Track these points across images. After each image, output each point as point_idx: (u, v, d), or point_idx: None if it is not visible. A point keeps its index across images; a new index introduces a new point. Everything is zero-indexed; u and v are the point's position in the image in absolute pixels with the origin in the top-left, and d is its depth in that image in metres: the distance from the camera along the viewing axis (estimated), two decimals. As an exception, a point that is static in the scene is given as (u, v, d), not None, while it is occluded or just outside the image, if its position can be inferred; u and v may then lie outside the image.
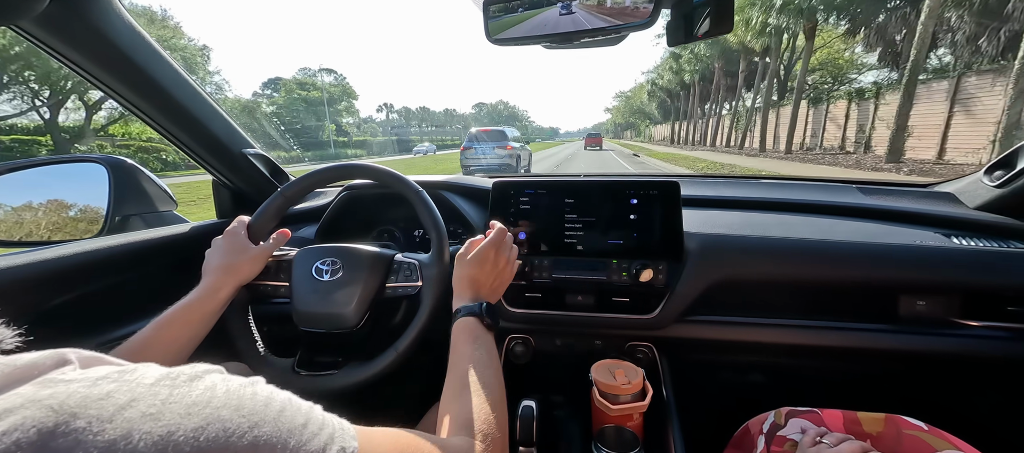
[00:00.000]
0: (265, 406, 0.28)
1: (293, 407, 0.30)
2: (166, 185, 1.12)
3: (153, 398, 0.23)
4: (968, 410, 0.99)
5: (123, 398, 0.23)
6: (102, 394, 0.22)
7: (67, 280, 0.76)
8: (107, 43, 0.72)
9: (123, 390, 0.23)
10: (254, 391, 0.28)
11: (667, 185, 0.91)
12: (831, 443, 0.61)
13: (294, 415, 0.29)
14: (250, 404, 0.27)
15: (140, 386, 0.24)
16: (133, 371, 0.25)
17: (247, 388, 0.28)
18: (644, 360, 0.95)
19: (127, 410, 0.22)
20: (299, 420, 0.29)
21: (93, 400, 0.22)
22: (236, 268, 0.72)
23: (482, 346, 0.59)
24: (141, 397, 0.23)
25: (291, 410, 0.29)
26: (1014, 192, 0.88)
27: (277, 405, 0.29)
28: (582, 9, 0.59)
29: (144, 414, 0.22)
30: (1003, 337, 0.84)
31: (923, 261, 0.83)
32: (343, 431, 0.32)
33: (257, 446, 0.25)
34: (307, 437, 0.28)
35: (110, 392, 0.23)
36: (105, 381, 0.23)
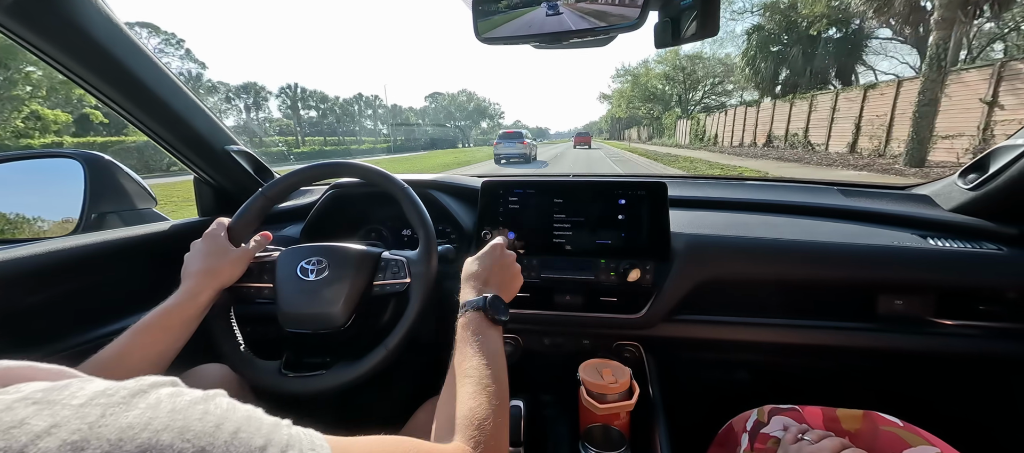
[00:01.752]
0: (216, 428, 0.24)
1: (252, 427, 0.26)
2: (145, 182, 1.10)
3: (79, 422, 0.20)
4: (942, 405, 1.02)
5: (41, 424, 0.19)
6: (15, 420, 0.19)
7: (39, 280, 0.73)
8: (82, 35, 0.70)
9: (43, 414, 0.20)
10: (205, 409, 0.25)
11: (654, 186, 0.92)
12: (812, 440, 0.63)
13: (251, 437, 0.25)
14: (198, 426, 0.23)
15: (66, 408, 0.21)
16: (63, 389, 0.22)
17: (197, 406, 0.25)
18: (631, 359, 0.96)
19: (44, 439, 0.19)
20: (257, 442, 0.25)
21: (3, 429, 0.19)
22: (216, 271, 0.70)
23: (486, 342, 0.55)
24: (64, 422, 0.20)
25: (248, 431, 0.25)
26: (987, 195, 0.91)
27: (230, 427, 0.25)
28: (569, 10, 0.59)
29: (64, 443, 0.19)
30: (975, 335, 0.87)
31: (900, 261, 0.85)
32: (314, 449, 0.28)
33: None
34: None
35: (25, 418, 0.20)
36: (22, 403, 0.20)
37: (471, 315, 0.59)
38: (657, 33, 0.66)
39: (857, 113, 12.57)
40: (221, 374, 0.80)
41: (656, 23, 0.66)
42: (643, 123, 50.77)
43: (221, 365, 0.80)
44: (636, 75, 44.95)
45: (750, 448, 0.70)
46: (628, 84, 46.96)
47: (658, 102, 42.64)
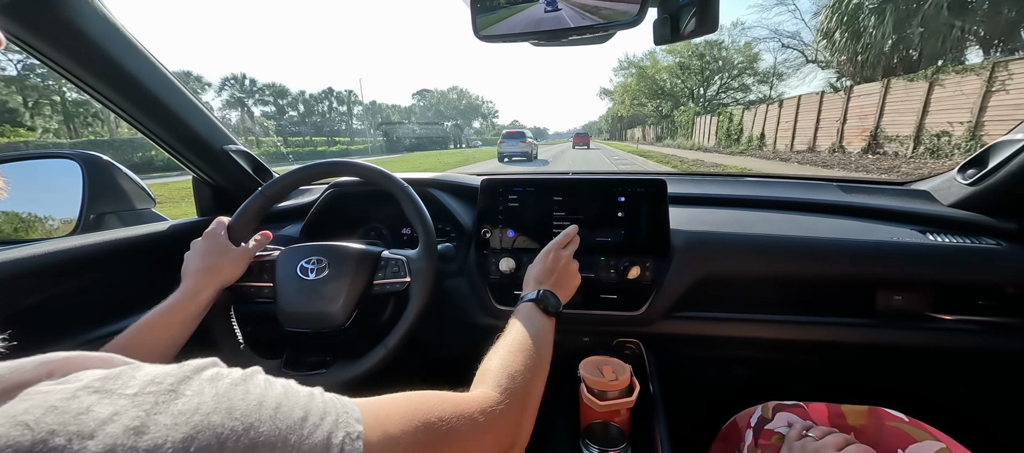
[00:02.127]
0: (259, 406, 0.26)
1: (290, 401, 0.28)
2: (144, 182, 1.09)
3: (137, 409, 0.22)
4: (945, 400, 1.02)
5: (105, 411, 0.21)
6: (82, 408, 0.21)
7: (38, 280, 0.73)
8: (78, 35, 0.70)
9: (103, 402, 0.22)
10: (246, 389, 0.27)
11: (654, 183, 0.92)
12: (816, 436, 0.63)
13: (292, 410, 0.28)
14: (242, 405, 0.26)
15: (122, 397, 0.22)
16: (117, 378, 0.24)
17: (239, 387, 0.27)
18: (631, 356, 0.96)
19: (109, 425, 0.21)
20: (297, 414, 0.28)
21: (72, 415, 0.20)
22: (216, 270, 0.70)
23: (533, 324, 0.60)
24: (124, 410, 0.22)
25: (288, 405, 0.28)
26: (985, 190, 0.91)
27: (272, 402, 0.27)
28: (568, 6, 0.59)
29: (127, 428, 0.21)
30: (974, 330, 0.87)
31: (900, 257, 0.86)
32: (347, 414, 0.31)
33: (255, 447, 0.24)
34: (308, 431, 0.27)
35: (90, 406, 0.21)
36: (84, 392, 0.22)
37: (524, 306, 0.65)
38: (656, 29, 0.66)
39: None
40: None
41: (655, 20, 0.66)
42: (649, 122, 45.26)
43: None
44: (642, 68, 39.42)
45: (754, 444, 0.70)
46: (633, 78, 41.31)
47: (668, 98, 37.67)
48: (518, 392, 0.47)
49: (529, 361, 0.52)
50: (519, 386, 0.47)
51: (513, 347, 0.53)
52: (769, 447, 0.68)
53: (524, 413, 0.48)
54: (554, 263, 0.73)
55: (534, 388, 0.50)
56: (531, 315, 0.62)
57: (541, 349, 0.56)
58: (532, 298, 0.65)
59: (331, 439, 0.28)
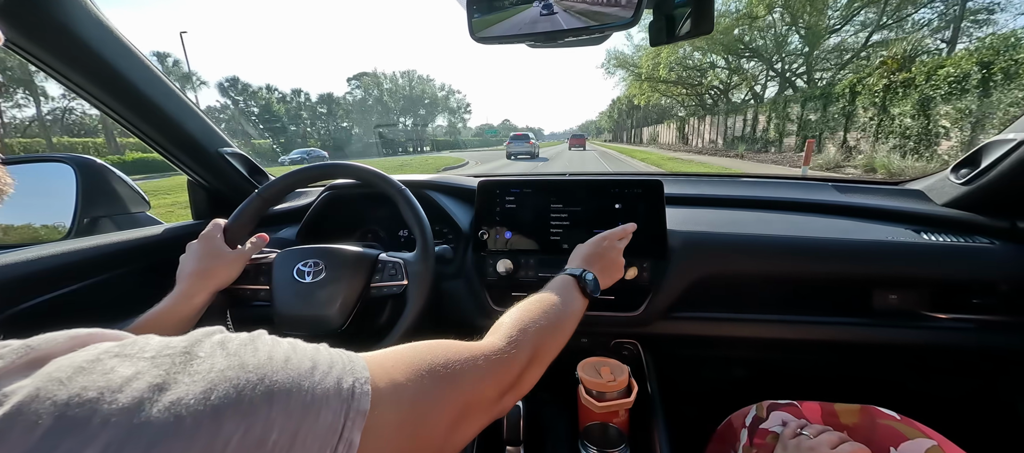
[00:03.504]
0: (269, 359, 0.28)
1: (298, 354, 0.30)
2: (139, 186, 1.09)
3: (156, 369, 0.24)
4: (938, 398, 1.03)
5: (128, 370, 0.23)
6: (107, 368, 0.23)
7: (31, 286, 0.73)
8: (72, 38, 0.69)
9: (125, 364, 0.23)
10: (255, 347, 0.29)
11: (651, 183, 0.92)
12: (811, 435, 0.63)
13: (300, 361, 0.29)
14: (253, 360, 0.27)
15: (141, 360, 0.24)
16: (134, 344, 0.25)
17: (248, 346, 0.28)
18: (629, 357, 0.96)
19: (134, 382, 0.22)
20: (306, 365, 0.29)
21: (100, 374, 0.22)
22: (212, 273, 0.69)
23: (566, 296, 0.60)
24: (144, 370, 0.23)
25: (297, 357, 0.29)
26: (978, 189, 0.92)
27: (281, 355, 0.29)
28: (563, 10, 0.59)
29: (151, 384, 0.23)
30: (969, 328, 0.88)
31: (895, 256, 0.86)
32: (352, 364, 0.32)
33: (272, 395, 0.26)
34: (318, 378, 0.29)
35: (114, 366, 0.23)
36: (106, 355, 0.23)
37: (562, 277, 0.65)
38: (652, 31, 0.66)
39: None
40: None
41: (650, 21, 0.67)
42: (679, 114, 31.09)
43: None
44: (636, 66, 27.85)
45: (749, 443, 0.71)
46: (631, 77, 28.86)
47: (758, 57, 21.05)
48: (526, 344, 0.48)
49: (546, 321, 0.52)
50: (529, 338, 0.48)
51: (533, 307, 0.54)
52: (764, 446, 0.68)
53: (529, 365, 0.48)
54: (607, 251, 0.74)
55: (545, 346, 0.51)
56: (566, 287, 0.62)
57: (564, 318, 0.56)
58: (573, 274, 0.65)
59: (341, 383, 0.30)
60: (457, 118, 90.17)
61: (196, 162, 1.01)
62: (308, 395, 0.27)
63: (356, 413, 0.29)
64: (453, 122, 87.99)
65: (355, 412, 0.29)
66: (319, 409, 0.27)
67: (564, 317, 0.57)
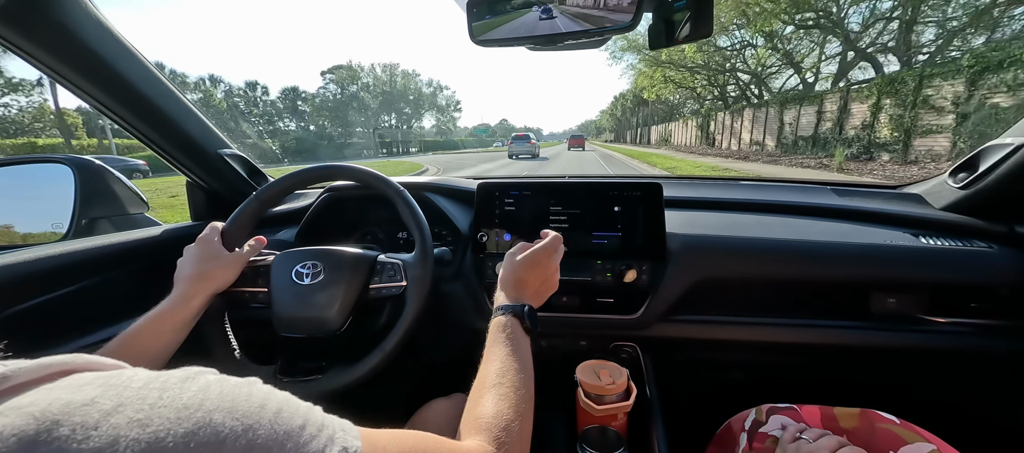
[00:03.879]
0: (261, 408, 0.27)
1: (291, 408, 0.29)
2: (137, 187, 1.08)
3: (141, 402, 0.22)
4: (938, 402, 1.03)
5: (109, 403, 0.22)
6: (86, 400, 0.21)
7: (28, 287, 0.72)
8: (71, 39, 0.69)
9: (109, 395, 0.22)
10: (249, 392, 0.27)
11: (650, 186, 0.92)
12: (810, 439, 0.63)
13: (292, 417, 0.28)
14: (244, 405, 0.26)
15: (128, 390, 0.23)
16: (121, 374, 0.24)
17: (242, 388, 0.27)
18: (628, 360, 0.96)
19: (113, 416, 0.21)
20: (297, 422, 0.28)
21: (77, 406, 0.21)
22: (210, 276, 0.69)
23: (518, 348, 0.56)
24: (128, 402, 0.22)
25: (288, 411, 0.28)
26: (976, 193, 0.92)
27: (273, 406, 0.28)
28: (562, 14, 0.59)
29: (131, 420, 0.21)
30: (967, 332, 0.88)
31: (893, 260, 0.86)
32: (345, 431, 0.31)
33: (252, 449, 0.24)
34: (306, 439, 0.27)
35: (95, 398, 0.22)
36: (90, 386, 0.22)
37: (506, 319, 0.59)
38: (651, 35, 0.67)
39: None
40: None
41: (650, 25, 0.67)
42: (696, 108, 27.86)
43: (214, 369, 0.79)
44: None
45: (748, 447, 0.71)
46: (646, 63, 24.43)
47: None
48: (513, 445, 0.44)
49: (522, 404, 0.49)
50: (514, 437, 0.45)
51: (504, 385, 0.50)
52: (763, 450, 0.68)
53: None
54: (543, 271, 0.68)
55: (526, 434, 0.48)
56: (516, 336, 0.57)
57: (530, 383, 0.53)
58: (517, 313, 0.60)
59: (326, 450, 0.28)
60: (446, 116, 78.67)
61: (195, 163, 1.01)
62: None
63: None
64: (442, 121, 77.46)
65: None
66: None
67: (531, 381, 0.53)
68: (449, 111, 79.60)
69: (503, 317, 0.60)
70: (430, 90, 75.57)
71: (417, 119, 72.61)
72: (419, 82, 72.47)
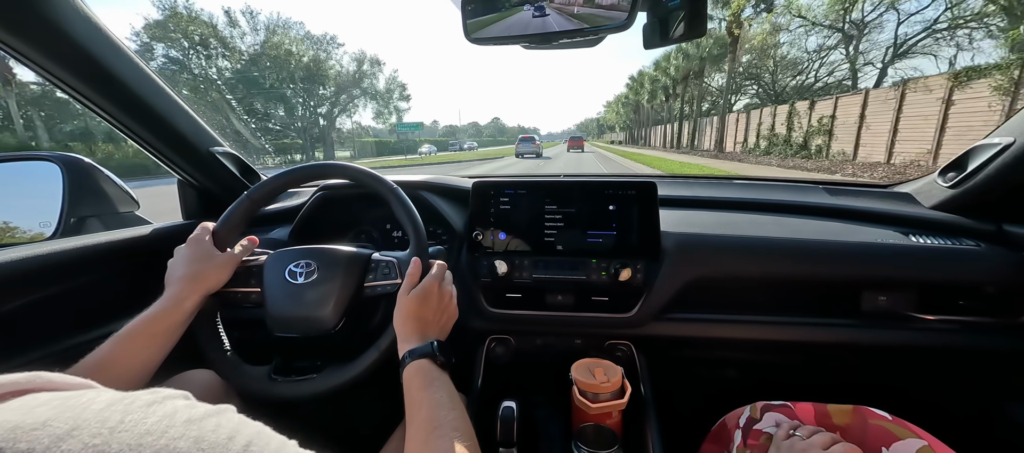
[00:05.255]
0: (229, 440, 0.25)
1: (262, 441, 0.27)
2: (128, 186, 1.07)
3: (100, 426, 0.21)
4: (928, 399, 1.04)
5: (62, 427, 0.20)
6: (37, 422, 0.20)
7: (15, 286, 0.71)
8: (60, 36, 0.68)
9: (64, 417, 0.20)
10: (218, 422, 0.26)
11: (644, 185, 0.92)
12: (804, 435, 0.63)
13: (261, 450, 0.26)
14: (211, 437, 0.24)
15: (86, 412, 0.21)
16: (81, 396, 0.23)
17: (211, 419, 0.26)
18: (623, 358, 0.96)
19: (66, 441, 0.19)
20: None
21: (26, 430, 0.19)
22: (202, 277, 0.68)
23: (441, 388, 0.54)
24: (85, 425, 0.20)
25: (259, 445, 0.26)
26: (965, 193, 0.93)
27: (242, 440, 0.26)
28: (555, 11, 0.59)
29: (86, 445, 0.20)
30: (956, 330, 0.89)
31: (883, 258, 0.87)
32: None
33: None
34: None
35: (47, 420, 0.20)
36: (44, 408, 0.21)
37: (420, 364, 0.58)
38: (646, 34, 0.67)
39: None
40: (208, 379, 0.79)
41: (644, 24, 0.67)
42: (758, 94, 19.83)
43: (208, 370, 0.78)
44: None
45: (743, 444, 0.71)
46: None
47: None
48: None
49: (465, 439, 0.47)
50: None
51: (444, 429, 0.48)
52: (758, 447, 0.69)
53: None
54: (438, 302, 0.67)
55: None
56: (432, 376, 0.56)
57: (466, 419, 0.51)
58: (427, 353, 0.59)
59: None
60: (385, 105, 50.65)
61: (187, 161, 0.99)
62: None
63: None
64: (381, 111, 51.06)
65: None
66: None
67: (463, 414, 0.52)
68: (390, 99, 50.87)
69: (413, 362, 0.58)
70: (355, 67, 45.39)
71: (347, 108, 47.39)
72: (333, 52, 43.13)
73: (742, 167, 15.26)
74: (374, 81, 48.26)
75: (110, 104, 0.82)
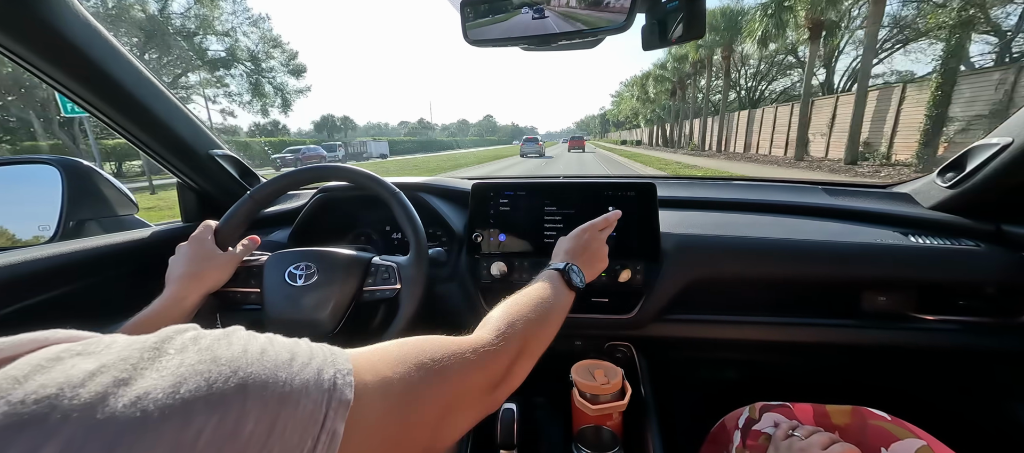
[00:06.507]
0: (243, 352, 0.27)
1: (275, 347, 0.29)
2: (127, 188, 1.07)
3: (123, 363, 0.23)
4: (927, 399, 1.05)
5: (91, 365, 0.22)
6: (68, 365, 0.22)
7: (14, 290, 0.71)
8: (59, 39, 0.68)
9: (90, 359, 0.22)
10: (229, 342, 0.27)
11: (644, 186, 0.92)
12: (802, 435, 0.63)
13: (278, 353, 0.28)
14: (227, 353, 0.26)
15: (108, 353, 0.23)
16: (99, 341, 0.24)
17: (222, 340, 0.27)
18: (623, 359, 0.96)
19: (98, 376, 0.21)
20: (284, 356, 0.28)
21: (60, 369, 0.21)
22: (202, 276, 0.68)
23: (552, 289, 0.60)
24: (111, 364, 0.22)
25: (273, 350, 0.28)
26: (964, 193, 0.94)
27: (256, 348, 0.28)
28: (554, 13, 0.59)
29: (116, 379, 0.22)
30: (955, 330, 0.89)
31: (883, 258, 0.87)
32: (334, 356, 0.31)
33: (245, 386, 0.25)
34: (297, 368, 0.28)
35: (76, 362, 0.22)
36: (67, 352, 0.22)
37: (547, 272, 0.65)
38: (644, 35, 0.67)
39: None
40: None
41: (643, 25, 0.67)
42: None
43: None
44: None
45: (742, 445, 0.71)
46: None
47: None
48: (515, 337, 0.48)
49: (533, 314, 0.53)
50: (517, 332, 0.48)
51: (521, 300, 0.55)
52: (756, 447, 0.69)
53: (519, 358, 0.48)
54: (590, 242, 0.73)
55: (534, 339, 0.51)
56: (552, 281, 0.62)
57: (551, 311, 0.57)
58: (558, 268, 0.65)
59: (322, 374, 0.29)
60: (256, 76, 27.37)
61: (186, 164, 0.99)
62: (286, 386, 0.26)
63: (338, 403, 0.28)
64: (260, 95, 28.17)
65: (337, 402, 0.28)
66: (298, 399, 0.26)
67: (552, 310, 0.57)
68: (267, 74, 28.53)
69: (546, 272, 0.65)
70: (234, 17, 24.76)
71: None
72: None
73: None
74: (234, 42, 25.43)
75: (109, 107, 0.82)
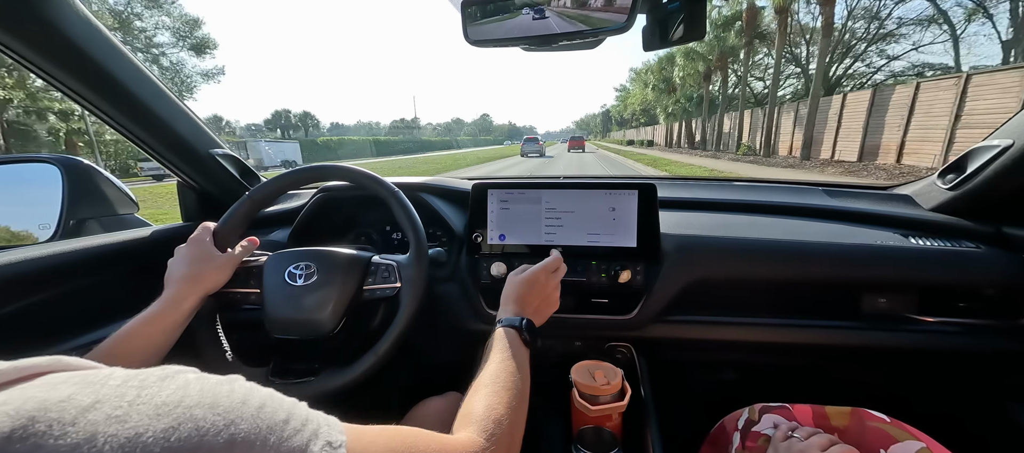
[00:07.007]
0: (243, 404, 0.26)
1: (274, 403, 0.29)
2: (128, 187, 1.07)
3: (119, 400, 0.22)
4: (927, 401, 1.04)
5: (86, 400, 0.22)
6: (62, 397, 0.21)
7: (14, 288, 0.71)
8: (60, 37, 0.68)
9: (86, 392, 0.22)
10: (231, 388, 0.27)
11: (644, 187, 0.92)
12: (801, 437, 0.63)
13: (275, 411, 0.28)
14: (226, 402, 0.26)
15: (105, 387, 0.23)
16: (99, 372, 0.24)
17: (223, 386, 0.27)
18: (623, 360, 0.96)
19: (90, 413, 0.21)
20: (280, 416, 0.28)
21: (53, 403, 0.21)
22: (201, 277, 0.68)
23: (515, 355, 0.58)
24: (106, 399, 0.22)
25: (272, 406, 0.28)
26: (964, 194, 0.94)
27: (256, 402, 0.27)
28: (555, 14, 0.59)
29: (109, 417, 0.21)
30: (955, 331, 0.89)
31: (883, 260, 0.87)
32: (330, 426, 0.31)
33: (234, 444, 0.24)
34: (289, 433, 0.27)
35: (71, 395, 0.22)
36: (65, 384, 0.22)
37: (505, 330, 0.62)
38: (645, 36, 0.67)
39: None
40: None
41: (644, 26, 0.67)
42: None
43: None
44: None
45: (742, 446, 0.71)
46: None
47: None
48: (503, 438, 0.45)
49: (513, 401, 0.50)
50: (504, 431, 0.46)
51: (497, 386, 0.52)
52: (756, 449, 0.69)
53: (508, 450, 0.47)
54: (542, 289, 0.71)
55: (517, 431, 0.49)
56: (513, 345, 0.59)
57: (524, 386, 0.55)
58: (515, 325, 0.63)
59: (310, 445, 0.28)
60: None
61: (186, 163, 0.99)
62: (274, 449, 0.26)
63: None
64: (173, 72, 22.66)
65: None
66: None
67: (525, 386, 0.55)
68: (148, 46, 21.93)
69: (501, 329, 0.62)
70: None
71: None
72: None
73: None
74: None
75: (110, 106, 0.82)
